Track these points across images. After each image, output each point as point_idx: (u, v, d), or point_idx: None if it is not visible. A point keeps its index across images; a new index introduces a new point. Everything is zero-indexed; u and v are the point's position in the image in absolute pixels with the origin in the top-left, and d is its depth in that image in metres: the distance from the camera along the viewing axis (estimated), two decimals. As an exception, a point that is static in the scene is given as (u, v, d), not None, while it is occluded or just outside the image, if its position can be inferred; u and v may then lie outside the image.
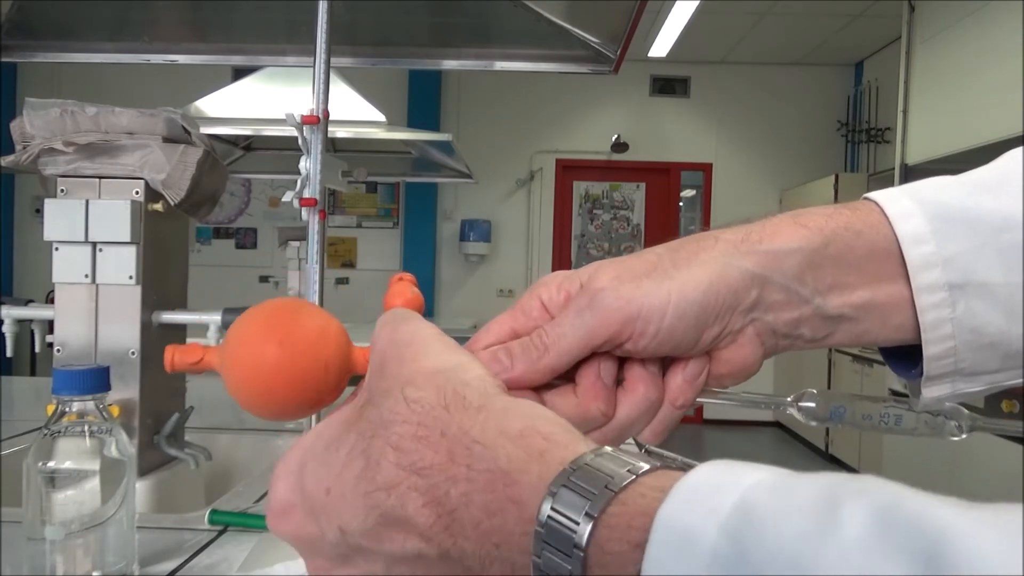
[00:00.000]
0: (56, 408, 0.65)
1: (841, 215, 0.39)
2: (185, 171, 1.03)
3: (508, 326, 0.40)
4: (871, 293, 0.39)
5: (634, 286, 0.37)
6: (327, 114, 0.96)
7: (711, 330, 0.38)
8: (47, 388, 0.65)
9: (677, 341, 0.37)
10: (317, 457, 0.31)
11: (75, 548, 0.64)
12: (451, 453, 0.27)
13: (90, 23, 1.45)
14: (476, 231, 5.97)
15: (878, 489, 0.20)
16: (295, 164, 1.01)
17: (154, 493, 1.07)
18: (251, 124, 2.49)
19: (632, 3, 1.23)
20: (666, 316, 0.36)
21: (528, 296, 0.40)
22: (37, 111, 1.00)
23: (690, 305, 0.36)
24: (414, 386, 0.30)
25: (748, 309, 0.38)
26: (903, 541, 0.18)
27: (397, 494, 0.27)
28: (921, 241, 0.38)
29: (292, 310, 0.36)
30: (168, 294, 1.11)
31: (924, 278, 0.38)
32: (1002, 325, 0.38)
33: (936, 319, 0.38)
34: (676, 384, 0.39)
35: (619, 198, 6.27)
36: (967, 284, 0.38)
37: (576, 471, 0.25)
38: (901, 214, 0.39)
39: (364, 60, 1.53)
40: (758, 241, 0.38)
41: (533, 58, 1.49)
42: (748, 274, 0.37)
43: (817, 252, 0.38)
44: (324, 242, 1.07)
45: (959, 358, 0.39)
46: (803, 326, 0.39)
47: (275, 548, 0.81)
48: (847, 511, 0.19)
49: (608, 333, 0.37)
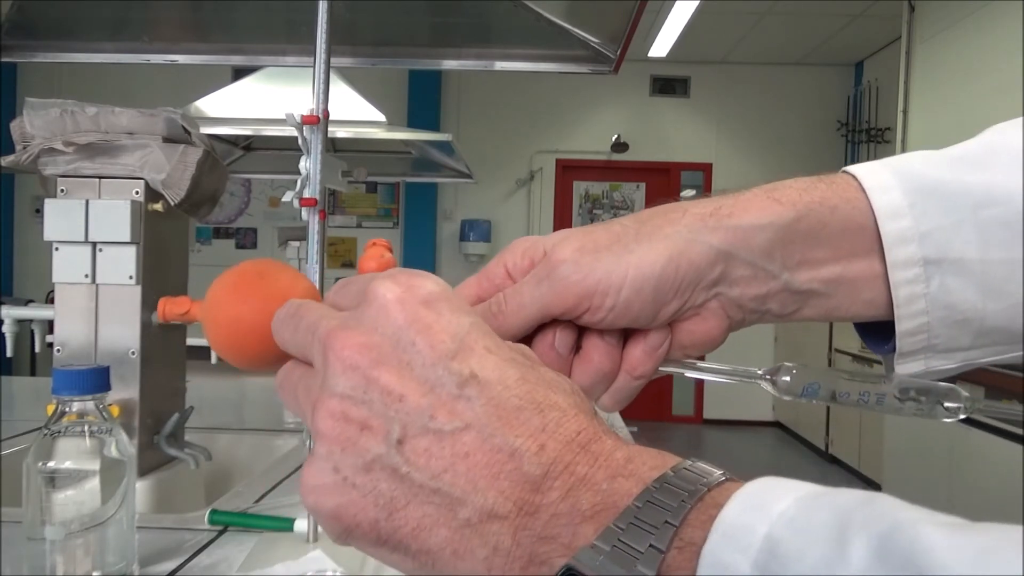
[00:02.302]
0: (56, 408, 0.65)
1: (817, 189, 0.39)
2: (185, 171, 1.03)
3: (474, 291, 0.40)
4: (842, 268, 0.39)
5: (593, 259, 0.37)
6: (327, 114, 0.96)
7: (669, 305, 0.38)
8: (47, 388, 0.65)
9: (635, 315, 0.37)
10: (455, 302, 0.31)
11: (75, 548, 0.64)
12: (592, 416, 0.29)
13: (90, 23, 1.45)
14: (476, 231, 5.97)
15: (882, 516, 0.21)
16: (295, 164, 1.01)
17: (154, 493, 1.07)
18: (251, 124, 2.49)
19: (632, 3, 1.23)
20: (623, 290, 0.36)
21: (495, 262, 0.41)
22: (37, 111, 1.00)
23: (646, 280, 0.36)
24: None
25: (711, 284, 0.38)
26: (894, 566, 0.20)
27: (544, 387, 0.28)
28: (898, 215, 0.38)
29: (258, 271, 0.38)
30: (168, 294, 1.11)
31: (899, 253, 0.38)
32: (976, 302, 0.38)
33: (910, 294, 0.38)
34: (635, 355, 0.39)
35: (619, 198, 6.27)
36: (943, 260, 0.37)
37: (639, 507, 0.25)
38: (879, 187, 0.38)
39: (364, 60, 1.53)
40: (727, 216, 0.38)
41: (533, 58, 1.49)
42: (713, 250, 0.37)
43: (788, 227, 0.38)
44: (324, 242, 1.07)
45: (932, 334, 0.39)
46: (771, 301, 0.39)
47: (275, 548, 0.81)
48: (854, 544, 0.21)
49: (565, 305, 0.37)
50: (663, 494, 0.25)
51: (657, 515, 0.24)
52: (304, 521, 0.83)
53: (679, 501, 0.25)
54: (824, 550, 0.21)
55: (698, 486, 0.25)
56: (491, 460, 0.26)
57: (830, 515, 0.22)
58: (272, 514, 0.88)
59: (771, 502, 0.23)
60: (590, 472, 0.26)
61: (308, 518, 0.82)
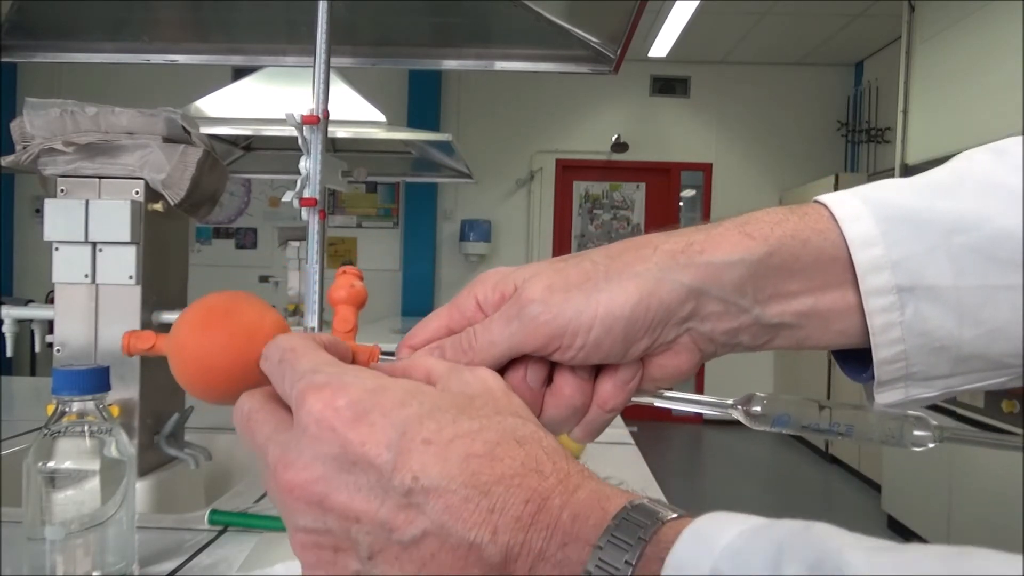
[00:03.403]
0: (56, 408, 0.65)
1: (789, 221, 0.39)
2: (185, 171, 1.03)
3: (444, 322, 0.40)
4: (814, 300, 0.39)
5: (563, 298, 0.37)
6: (327, 114, 0.96)
7: (640, 343, 0.38)
8: (47, 388, 0.65)
9: (605, 353, 0.37)
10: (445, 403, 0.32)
11: (75, 548, 0.64)
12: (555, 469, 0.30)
13: (90, 23, 1.45)
14: (476, 231, 5.97)
15: (814, 545, 0.23)
16: (295, 164, 1.02)
17: (154, 493, 1.07)
18: (251, 124, 2.49)
19: (632, 3, 1.23)
20: (592, 330, 0.36)
21: (465, 293, 0.41)
22: (37, 111, 1.00)
23: (616, 320, 0.36)
24: None
25: (682, 320, 0.38)
26: None
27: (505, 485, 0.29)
28: (870, 244, 0.37)
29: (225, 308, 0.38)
30: (168, 294, 1.11)
31: (872, 281, 0.37)
32: (952, 329, 0.38)
33: (885, 323, 0.38)
34: (606, 389, 0.39)
35: (619, 198, 6.27)
36: (916, 287, 0.37)
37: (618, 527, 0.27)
38: (850, 216, 0.38)
39: (364, 60, 1.53)
40: (699, 252, 0.38)
41: (533, 58, 1.49)
42: (683, 288, 0.37)
43: (759, 263, 0.38)
44: (324, 242, 1.07)
45: (910, 362, 0.38)
46: (742, 334, 0.39)
47: (275, 548, 0.81)
48: (787, 572, 0.23)
49: (535, 344, 0.37)
50: (609, 553, 0.26)
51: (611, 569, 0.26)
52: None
53: (630, 549, 0.26)
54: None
55: (642, 533, 0.27)
56: (455, 557, 0.28)
57: (769, 545, 0.24)
58: (272, 514, 0.88)
59: (717, 536, 0.25)
60: (544, 546, 0.28)
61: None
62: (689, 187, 6.39)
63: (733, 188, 6.13)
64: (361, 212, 6.08)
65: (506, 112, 6.07)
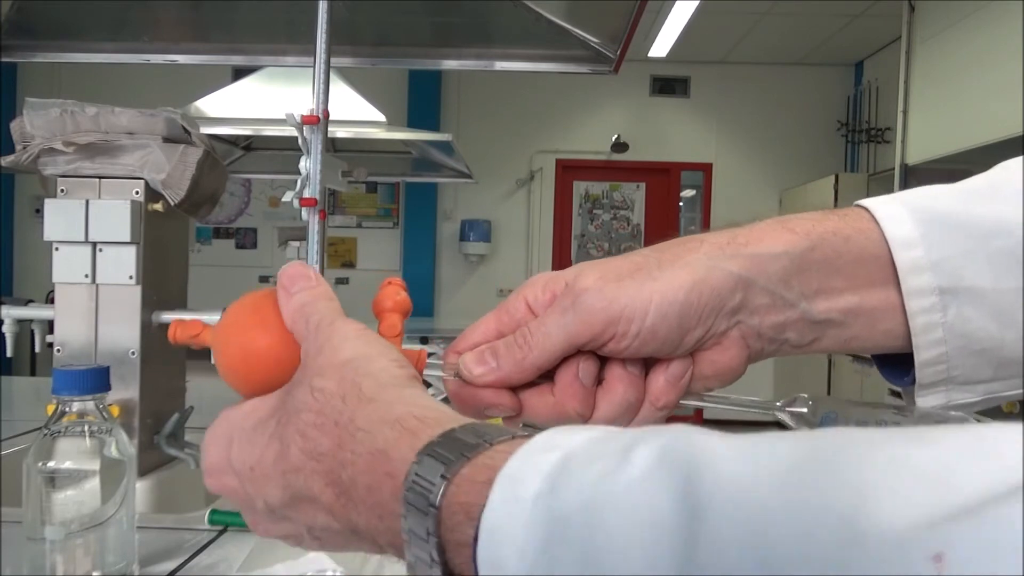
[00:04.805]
0: (56, 408, 0.65)
1: (830, 220, 0.39)
2: (185, 171, 1.03)
3: (493, 326, 0.41)
4: (859, 298, 0.39)
5: (617, 287, 0.37)
6: (327, 114, 0.96)
7: (694, 331, 0.38)
8: (47, 388, 0.65)
9: (660, 342, 0.37)
10: (244, 435, 0.34)
11: (75, 548, 0.64)
12: (340, 440, 0.31)
13: (90, 23, 1.45)
14: (476, 231, 5.96)
15: (671, 432, 0.24)
16: (295, 164, 1.02)
17: (154, 493, 1.07)
18: (251, 124, 2.49)
19: (632, 3, 1.23)
20: (648, 316, 0.37)
21: (514, 297, 0.41)
22: (37, 111, 1.00)
23: (671, 306, 0.37)
24: (321, 376, 0.33)
25: (732, 312, 0.38)
26: (671, 469, 0.22)
27: (303, 476, 0.31)
28: (911, 245, 0.38)
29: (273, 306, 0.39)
30: (168, 294, 1.11)
31: (914, 282, 0.38)
32: (994, 331, 0.38)
33: (927, 323, 0.38)
34: (658, 385, 0.39)
35: (619, 198, 6.27)
36: (957, 289, 0.37)
37: (439, 443, 0.28)
38: (891, 218, 0.38)
39: (364, 60, 1.53)
40: (744, 244, 0.38)
41: (533, 58, 1.49)
42: (732, 276, 0.37)
43: (803, 256, 0.38)
44: (324, 242, 1.07)
45: (951, 364, 0.38)
46: (789, 330, 0.39)
47: (275, 548, 0.81)
48: (638, 452, 0.23)
49: (591, 333, 0.37)
50: (442, 447, 0.28)
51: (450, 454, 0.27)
52: (304, 521, 0.83)
53: (467, 446, 0.28)
54: (611, 461, 0.23)
55: (483, 439, 0.28)
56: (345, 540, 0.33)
57: (623, 437, 0.25)
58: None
59: (571, 436, 0.26)
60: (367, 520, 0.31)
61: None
62: (689, 187, 6.39)
63: (733, 188, 6.12)
64: (361, 212, 6.08)
65: (506, 112, 6.07)
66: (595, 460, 0.24)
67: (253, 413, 0.35)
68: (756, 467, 0.21)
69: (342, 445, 0.30)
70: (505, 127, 6.08)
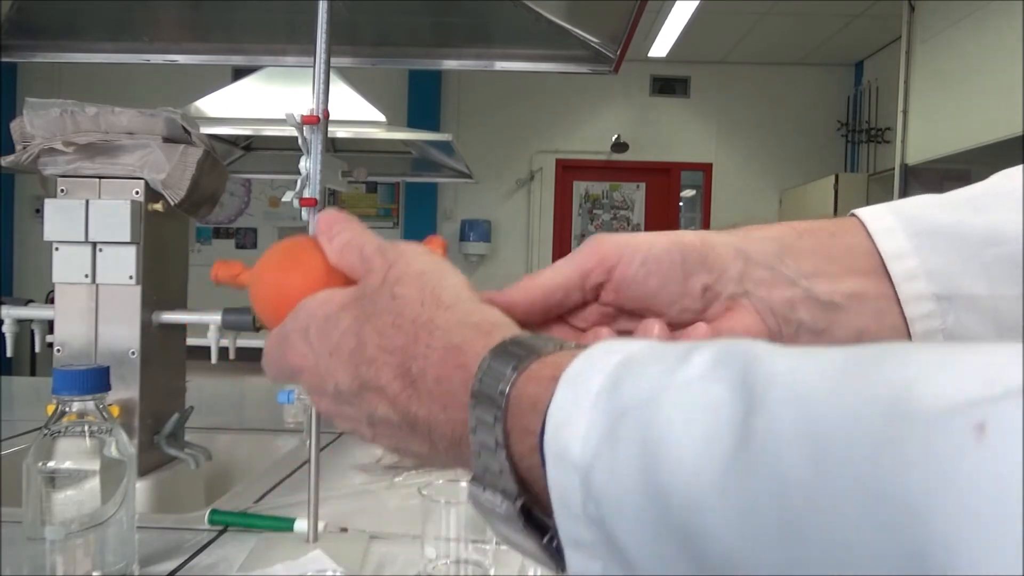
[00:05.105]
0: (56, 408, 0.65)
1: (820, 222, 0.41)
2: (185, 171, 1.03)
3: None
4: (860, 284, 0.39)
5: (622, 235, 0.41)
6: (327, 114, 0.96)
7: (699, 276, 0.39)
8: (47, 388, 0.65)
9: (664, 275, 0.39)
10: (319, 326, 0.37)
11: (75, 548, 0.64)
12: (416, 336, 0.33)
13: (90, 23, 1.45)
14: (476, 231, 5.97)
15: (727, 340, 0.26)
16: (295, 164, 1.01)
17: (154, 493, 1.07)
18: (251, 124, 2.49)
19: (632, 3, 1.23)
20: (653, 247, 0.39)
21: None
22: (37, 111, 1.00)
23: (674, 244, 0.39)
24: (400, 284, 0.35)
25: (737, 278, 0.39)
26: (728, 366, 0.24)
27: (375, 367, 0.34)
28: (904, 256, 0.38)
29: (310, 245, 0.42)
30: (168, 294, 1.11)
31: (910, 289, 0.38)
32: (994, 339, 0.38)
33: (927, 330, 0.38)
34: None
35: (619, 198, 6.27)
36: (954, 296, 0.38)
37: (511, 342, 0.31)
38: (883, 230, 0.39)
39: (364, 60, 1.53)
40: (736, 230, 0.41)
41: (533, 58, 1.49)
42: (731, 247, 0.40)
43: (792, 242, 0.40)
44: (324, 242, 1.07)
45: None
46: (799, 308, 0.39)
47: (275, 548, 0.81)
48: (697, 355, 0.25)
49: (598, 256, 0.39)
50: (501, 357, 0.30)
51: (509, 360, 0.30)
52: (304, 521, 0.83)
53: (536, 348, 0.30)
54: (670, 362, 0.26)
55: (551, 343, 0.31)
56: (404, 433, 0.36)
57: (680, 346, 0.27)
58: (272, 514, 0.88)
59: (631, 344, 0.28)
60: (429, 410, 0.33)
61: (308, 518, 0.82)
62: (689, 187, 6.39)
63: (733, 188, 6.13)
64: (361, 212, 6.08)
65: (506, 112, 6.07)
66: (655, 361, 0.26)
67: (323, 308, 0.38)
68: (808, 363, 0.22)
69: (417, 340, 0.33)
70: (505, 127, 6.08)
